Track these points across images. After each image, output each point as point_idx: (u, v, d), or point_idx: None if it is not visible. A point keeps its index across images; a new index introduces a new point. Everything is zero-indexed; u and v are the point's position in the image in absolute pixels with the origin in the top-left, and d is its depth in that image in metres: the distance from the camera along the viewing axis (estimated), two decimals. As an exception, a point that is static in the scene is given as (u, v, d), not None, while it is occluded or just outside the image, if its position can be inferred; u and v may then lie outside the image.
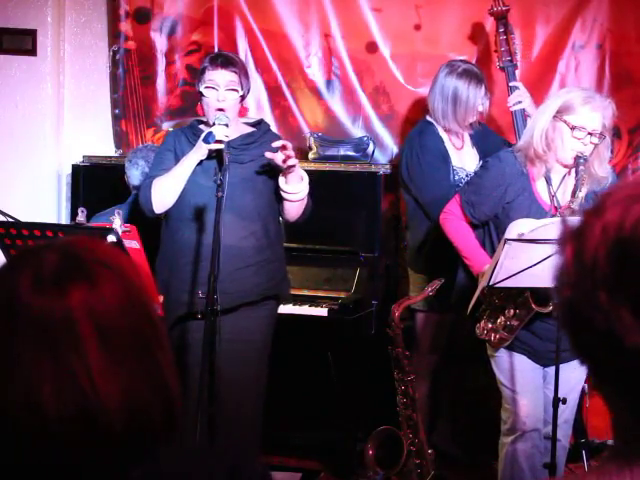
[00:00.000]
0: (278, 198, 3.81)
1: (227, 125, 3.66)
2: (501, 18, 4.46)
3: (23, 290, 1.08)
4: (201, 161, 3.72)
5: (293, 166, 3.65)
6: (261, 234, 3.81)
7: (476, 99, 4.33)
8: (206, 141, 3.63)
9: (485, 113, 4.45)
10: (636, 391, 0.96)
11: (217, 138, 3.61)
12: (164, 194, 3.73)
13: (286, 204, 3.79)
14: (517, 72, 4.47)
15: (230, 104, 3.75)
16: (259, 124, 3.93)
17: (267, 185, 3.83)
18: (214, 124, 3.67)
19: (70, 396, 1.05)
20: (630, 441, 0.99)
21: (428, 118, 4.44)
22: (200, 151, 3.67)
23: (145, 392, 1.10)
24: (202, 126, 3.86)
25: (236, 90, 3.76)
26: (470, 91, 4.32)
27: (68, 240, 1.16)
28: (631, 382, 0.96)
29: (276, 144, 3.65)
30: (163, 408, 1.12)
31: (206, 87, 3.74)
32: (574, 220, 1.02)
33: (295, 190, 3.74)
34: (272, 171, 3.80)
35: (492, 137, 4.54)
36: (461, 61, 4.49)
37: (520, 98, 4.36)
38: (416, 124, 4.64)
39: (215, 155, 3.70)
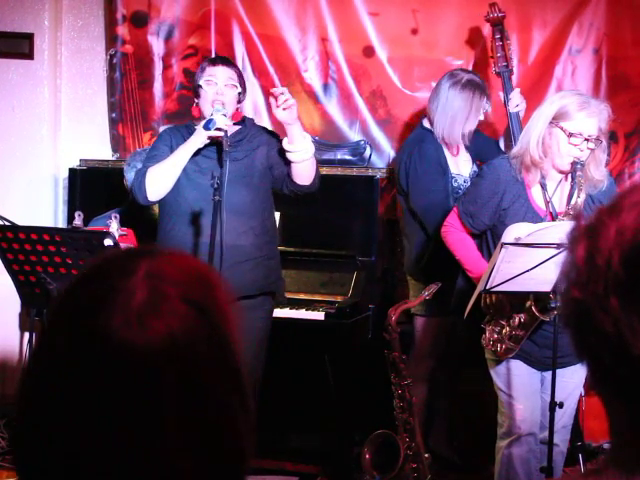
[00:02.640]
0: (286, 163, 3.79)
1: (226, 115, 3.68)
2: (497, 24, 4.47)
3: (115, 325, 0.98)
4: (198, 158, 3.72)
5: (292, 105, 3.66)
6: (260, 230, 3.83)
7: (479, 109, 4.33)
8: (206, 127, 3.63)
9: (482, 119, 4.44)
10: (636, 396, 0.95)
11: (218, 125, 3.62)
12: (159, 181, 3.72)
13: (295, 167, 3.78)
14: (513, 77, 4.47)
15: (228, 99, 3.77)
16: (243, 122, 3.94)
17: (263, 181, 3.85)
18: (212, 113, 3.69)
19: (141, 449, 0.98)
20: (626, 445, 0.98)
21: (426, 124, 4.42)
22: (199, 138, 3.67)
23: (217, 462, 1.01)
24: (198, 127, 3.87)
25: (235, 86, 3.79)
26: (474, 103, 4.30)
27: (156, 270, 1.03)
28: (632, 388, 0.94)
29: (275, 91, 3.67)
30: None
31: (206, 81, 3.76)
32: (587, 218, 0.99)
33: (299, 148, 3.74)
34: (266, 165, 3.83)
35: (481, 138, 4.53)
36: (462, 70, 4.47)
37: (519, 101, 4.36)
38: (413, 128, 4.63)
39: (214, 143, 3.71)
